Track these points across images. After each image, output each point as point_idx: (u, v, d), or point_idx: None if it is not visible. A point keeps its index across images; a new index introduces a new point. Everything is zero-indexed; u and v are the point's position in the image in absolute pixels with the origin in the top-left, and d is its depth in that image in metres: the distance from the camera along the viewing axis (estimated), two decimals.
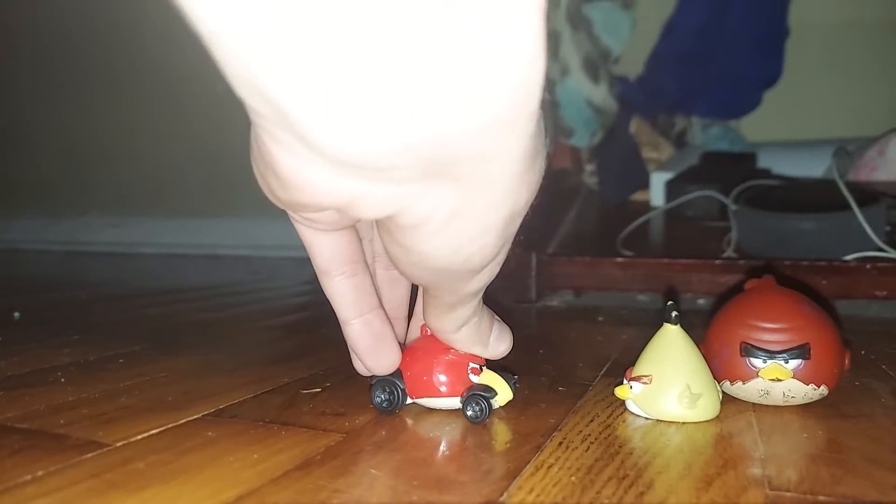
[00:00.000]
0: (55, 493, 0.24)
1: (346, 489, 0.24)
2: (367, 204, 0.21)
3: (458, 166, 0.20)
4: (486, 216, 0.22)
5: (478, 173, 0.21)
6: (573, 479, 0.26)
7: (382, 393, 0.33)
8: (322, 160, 0.19)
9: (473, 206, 0.22)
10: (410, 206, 0.21)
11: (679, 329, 0.34)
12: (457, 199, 0.21)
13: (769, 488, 0.25)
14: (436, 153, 0.19)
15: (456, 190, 0.21)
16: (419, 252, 0.23)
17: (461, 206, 0.22)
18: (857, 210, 0.67)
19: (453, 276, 0.25)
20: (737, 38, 1.09)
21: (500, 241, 0.24)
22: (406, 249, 0.24)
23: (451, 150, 0.19)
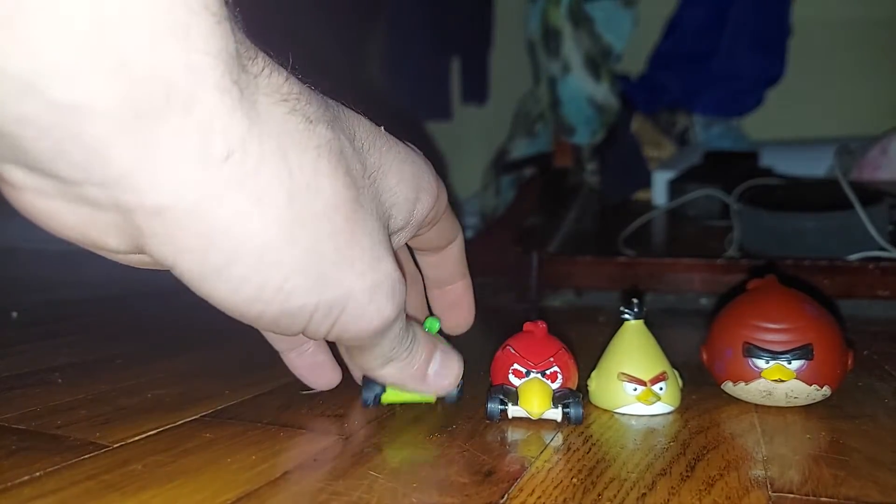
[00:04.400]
0: (52, 494, 0.24)
1: (345, 491, 0.24)
2: (103, 238, 0.20)
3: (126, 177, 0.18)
4: (223, 250, 0.20)
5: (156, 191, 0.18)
6: (574, 481, 0.25)
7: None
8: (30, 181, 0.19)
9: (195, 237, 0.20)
10: (145, 243, 0.20)
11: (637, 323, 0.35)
12: (174, 231, 0.19)
13: (771, 490, 0.25)
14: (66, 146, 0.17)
15: (159, 220, 0.19)
16: (212, 300, 0.22)
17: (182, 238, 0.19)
18: (860, 209, 0.67)
19: (286, 323, 0.23)
20: (739, 37, 1.09)
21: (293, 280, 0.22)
22: (203, 294, 0.22)
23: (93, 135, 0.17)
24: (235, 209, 0.19)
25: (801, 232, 0.70)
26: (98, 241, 0.20)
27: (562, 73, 0.96)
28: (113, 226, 0.20)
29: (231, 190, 0.19)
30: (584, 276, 0.75)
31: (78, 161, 0.18)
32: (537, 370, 0.33)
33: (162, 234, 0.19)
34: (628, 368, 0.34)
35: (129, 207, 0.19)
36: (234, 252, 0.20)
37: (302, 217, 0.21)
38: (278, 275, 0.21)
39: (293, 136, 0.21)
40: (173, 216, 0.19)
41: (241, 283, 0.21)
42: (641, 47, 1.18)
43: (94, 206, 0.19)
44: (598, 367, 0.36)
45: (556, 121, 1.03)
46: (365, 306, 0.24)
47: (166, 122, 0.18)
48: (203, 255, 0.20)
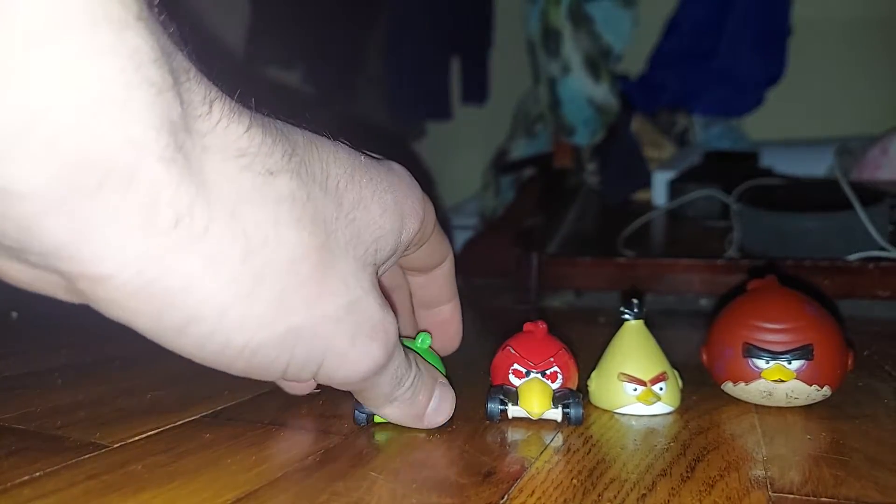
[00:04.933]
0: (52, 495, 0.24)
1: (344, 492, 0.24)
2: (51, 291, 0.21)
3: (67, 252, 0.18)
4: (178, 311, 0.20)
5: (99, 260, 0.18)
6: (575, 482, 0.25)
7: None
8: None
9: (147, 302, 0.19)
10: (96, 304, 0.20)
11: (637, 324, 0.35)
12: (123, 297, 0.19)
13: (772, 490, 0.25)
14: None
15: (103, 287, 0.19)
16: (179, 351, 0.22)
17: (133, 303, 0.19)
18: (861, 209, 0.67)
19: (265, 372, 0.23)
20: (739, 37, 1.09)
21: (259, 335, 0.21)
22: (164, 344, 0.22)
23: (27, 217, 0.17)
24: (187, 272, 0.19)
25: (802, 232, 0.70)
26: (52, 294, 0.21)
27: (561, 73, 0.96)
28: (60, 286, 0.20)
29: (181, 255, 0.19)
30: (583, 277, 0.75)
31: (13, 235, 0.18)
32: (537, 370, 0.33)
33: (109, 299, 0.19)
34: (628, 369, 0.34)
35: (71, 276, 0.19)
36: (192, 312, 0.20)
37: (261, 273, 0.21)
38: (241, 333, 0.21)
39: (249, 193, 0.20)
40: (119, 283, 0.19)
41: (204, 340, 0.21)
42: (641, 47, 1.18)
43: (39, 268, 0.19)
44: (598, 367, 0.36)
45: (556, 121, 1.03)
46: (347, 352, 0.24)
47: (105, 198, 0.17)
48: (158, 317, 0.20)
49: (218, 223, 0.20)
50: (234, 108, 0.21)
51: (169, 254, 0.19)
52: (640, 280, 0.72)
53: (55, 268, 0.19)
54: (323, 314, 0.23)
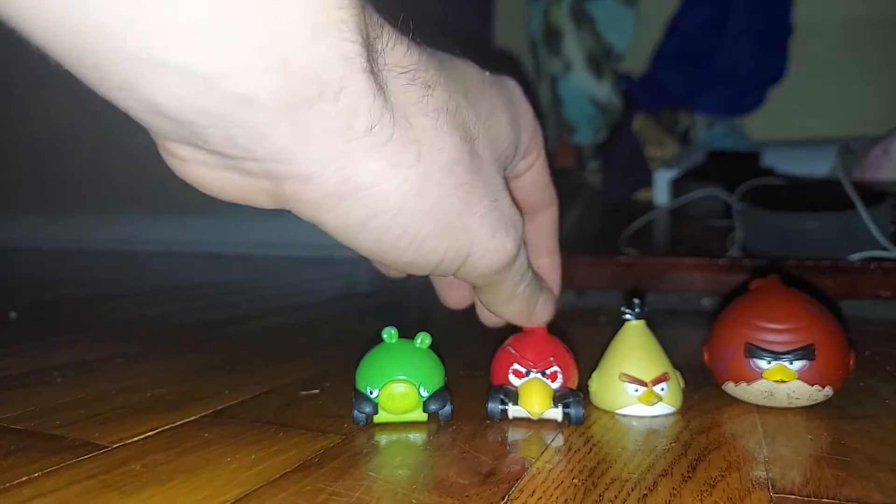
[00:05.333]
0: (51, 494, 0.24)
1: (344, 492, 0.24)
2: (253, 198, 0.23)
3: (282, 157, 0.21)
4: (363, 208, 0.23)
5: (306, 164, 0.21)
6: (575, 482, 0.25)
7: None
8: (196, 155, 0.22)
9: (337, 198, 0.22)
10: (292, 205, 0.23)
11: (638, 324, 0.35)
12: (318, 193, 0.22)
13: (773, 491, 0.25)
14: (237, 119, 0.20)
15: (307, 186, 0.22)
16: (354, 247, 0.25)
17: (326, 199, 0.22)
18: (863, 209, 0.66)
19: (420, 265, 0.26)
20: (741, 36, 1.09)
21: (425, 230, 0.25)
22: (346, 243, 0.25)
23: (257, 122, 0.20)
24: (375, 173, 0.22)
25: (804, 232, 0.70)
26: (252, 201, 0.24)
27: (563, 72, 0.96)
28: (264, 191, 0.23)
29: (371, 157, 0.22)
30: (585, 276, 0.75)
31: (241, 143, 0.20)
32: (537, 370, 0.33)
33: (308, 200, 0.22)
34: (629, 369, 0.34)
35: (282, 177, 0.22)
36: (375, 208, 0.23)
37: (429, 173, 0.24)
38: (413, 225, 0.24)
39: (415, 104, 0.23)
40: (321, 182, 0.22)
41: (381, 233, 0.24)
42: (643, 46, 1.18)
43: (251, 175, 0.22)
44: (599, 367, 0.35)
45: (558, 120, 1.03)
46: (487, 244, 0.27)
47: (319, 108, 0.20)
48: (346, 213, 0.23)
49: (399, 130, 0.23)
50: (394, 31, 0.23)
51: (362, 155, 0.22)
52: (641, 279, 0.72)
53: (270, 172, 0.22)
54: (473, 211, 0.26)
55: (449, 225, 0.25)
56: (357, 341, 0.47)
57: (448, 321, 0.64)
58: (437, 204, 0.24)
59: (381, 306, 0.78)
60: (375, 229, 0.24)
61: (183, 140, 0.21)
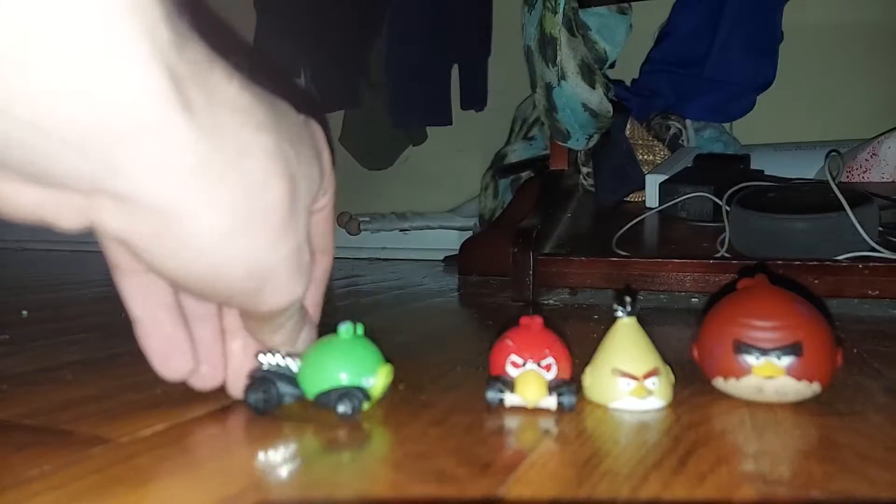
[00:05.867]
0: (61, 488, 0.24)
1: (346, 483, 0.25)
2: (55, 216, 0.23)
3: (98, 178, 0.21)
4: (175, 237, 0.23)
5: (125, 189, 0.21)
6: (570, 474, 0.26)
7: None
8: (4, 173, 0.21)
9: (151, 225, 0.22)
10: (98, 220, 0.23)
11: (630, 321, 0.36)
12: (131, 217, 0.22)
13: (762, 484, 0.25)
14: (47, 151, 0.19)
15: (122, 207, 0.22)
16: (154, 268, 0.24)
17: (138, 224, 0.22)
18: (850, 211, 0.67)
19: (214, 296, 0.26)
20: (730, 43, 1.10)
21: (233, 263, 0.25)
22: (148, 265, 0.24)
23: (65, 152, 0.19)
24: (194, 208, 0.22)
25: (792, 233, 0.71)
26: (51, 221, 0.23)
27: (557, 79, 0.97)
28: (70, 207, 0.22)
29: (194, 192, 0.22)
30: (578, 276, 0.76)
31: (49, 169, 0.20)
32: (533, 361, 0.34)
33: (121, 220, 0.22)
34: (621, 364, 0.35)
35: (94, 195, 0.21)
36: (189, 241, 0.23)
37: (252, 215, 0.24)
38: (222, 262, 0.24)
39: (248, 145, 0.23)
40: (136, 206, 0.22)
41: (188, 264, 0.24)
42: (635, 54, 1.19)
43: (57, 190, 0.21)
44: (593, 362, 0.36)
45: (552, 126, 1.03)
46: (281, 286, 0.27)
47: (137, 146, 0.20)
48: (158, 240, 0.23)
49: (227, 170, 0.23)
50: (228, 68, 0.23)
51: (184, 191, 0.22)
52: (633, 279, 0.73)
53: (81, 189, 0.21)
54: (279, 253, 0.26)
55: (255, 264, 0.25)
56: None
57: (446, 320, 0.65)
58: (250, 244, 0.25)
59: (378, 306, 0.78)
60: (184, 259, 0.24)
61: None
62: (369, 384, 0.33)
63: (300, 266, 0.28)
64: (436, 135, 1.63)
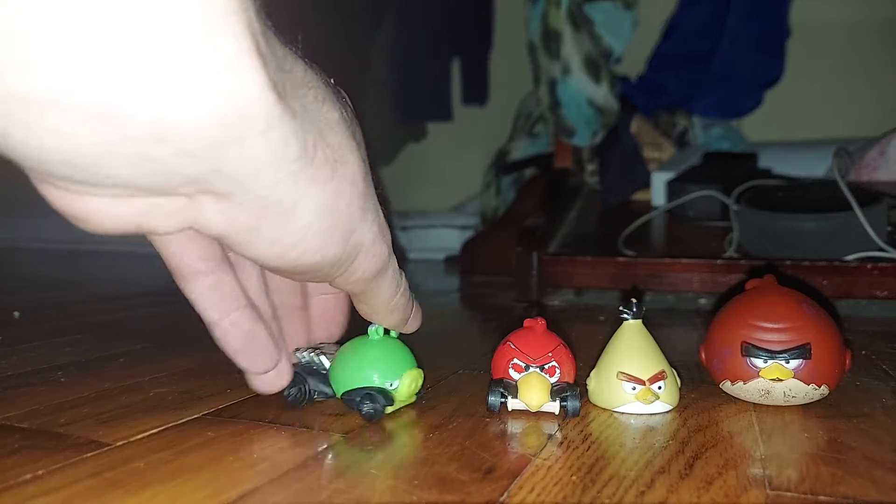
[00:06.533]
0: (55, 493, 0.24)
1: (346, 489, 0.24)
2: (154, 223, 0.23)
3: (204, 180, 0.21)
4: (279, 225, 0.23)
5: (232, 187, 0.21)
6: (574, 479, 0.26)
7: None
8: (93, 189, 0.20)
9: (255, 217, 0.23)
10: (199, 220, 0.23)
11: (636, 323, 0.36)
12: (235, 212, 0.22)
13: (770, 488, 0.25)
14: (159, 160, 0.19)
15: (225, 204, 0.22)
16: (254, 257, 0.25)
17: (242, 218, 0.23)
18: (859, 210, 0.67)
19: (311, 274, 0.27)
20: (738, 38, 1.09)
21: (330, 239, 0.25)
22: (245, 254, 0.25)
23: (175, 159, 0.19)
24: (297, 193, 0.23)
25: (800, 232, 0.70)
26: (146, 227, 0.23)
27: (562, 74, 0.97)
28: (173, 210, 0.22)
29: (296, 181, 0.22)
30: (583, 276, 0.76)
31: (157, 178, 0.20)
32: (536, 365, 0.34)
33: (224, 217, 0.22)
34: (627, 368, 0.34)
35: (199, 195, 0.22)
36: (290, 227, 0.24)
37: (341, 188, 0.25)
38: (320, 239, 0.25)
39: (325, 121, 0.24)
40: (240, 202, 0.22)
41: (289, 248, 0.24)
42: (641, 49, 1.18)
43: (162, 197, 0.22)
44: (598, 366, 0.36)
45: (556, 122, 1.03)
46: (370, 250, 0.28)
47: (246, 144, 0.20)
48: (258, 230, 0.23)
49: (319, 149, 0.23)
50: (289, 49, 0.23)
51: (287, 181, 0.22)
52: (639, 279, 0.72)
53: (186, 192, 0.21)
54: (366, 218, 0.27)
55: (349, 234, 0.26)
56: None
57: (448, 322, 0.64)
58: (343, 216, 0.25)
59: None
60: (284, 245, 0.24)
61: (83, 180, 0.20)
62: (393, 387, 0.33)
63: (381, 229, 0.29)
64: (436, 131, 1.62)
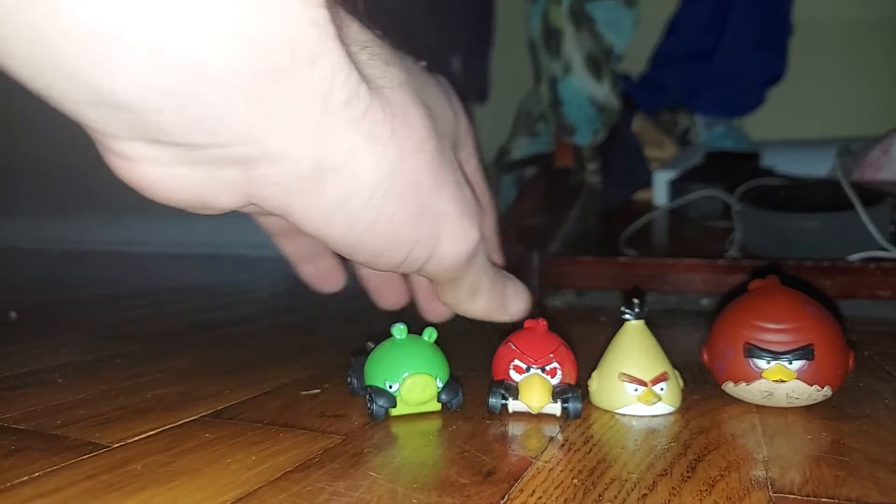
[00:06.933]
0: (52, 495, 0.24)
1: (345, 492, 0.24)
2: (216, 197, 0.21)
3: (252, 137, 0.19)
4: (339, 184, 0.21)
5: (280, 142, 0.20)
6: (575, 482, 0.25)
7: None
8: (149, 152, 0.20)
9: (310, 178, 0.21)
10: (256, 194, 0.21)
11: (638, 323, 0.35)
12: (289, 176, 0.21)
13: (772, 490, 0.25)
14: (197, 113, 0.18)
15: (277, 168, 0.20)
16: (325, 238, 0.23)
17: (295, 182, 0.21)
18: (862, 210, 0.66)
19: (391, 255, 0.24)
20: (740, 36, 1.09)
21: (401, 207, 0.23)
22: (312, 235, 0.23)
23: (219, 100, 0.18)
24: (351, 149, 0.21)
25: (803, 232, 0.70)
26: (209, 201, 0.22)
27: (563, 72, 0.96)
28: (228, 184, 0.21)
29: (347, 133, 0.20)
30: (585, 276, 0.75)
31: (204, 126, 0.19)
32: (537, 366, 0.33)
33: (280, 182, 0.21)
34: (629, 369, 0.34)
35: (251, 161, 0.20)
36: (351, 189, 0.21)
37: (404, 150, 0.22)
38: (388, 206, 0.22)
39: (381, 79, 0.22)
40: (293, 162, 0.20)
41: (356, 218, 0.22)
42: (643, 47, 1.18)
43: (215, 166, 0.20)
44: (599, 367, 0.36)
45: (557, 121, 1.03)
46: (456, 231, 0.25)
47: (291, 81, 0.18)
48: (319, 196, 0.21)
49: (374, 103, 0.21)
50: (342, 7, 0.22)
51: (338, 131, 0.20)
52: (641, 279, 0.72)
53: (237, 157, 0.20)
54: (442, 191, 0.24)
55: (422, 207, 0.24)
56: (357, 341, 0.48)
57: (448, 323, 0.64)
58: (411, 183, 0.23)
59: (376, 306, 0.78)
60: (350, 213, 0.22)
61: (137, 135, 0.19)
62: (393, 389, 0.33)
63: (467, 204, 0.26)
64: None
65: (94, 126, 0.19)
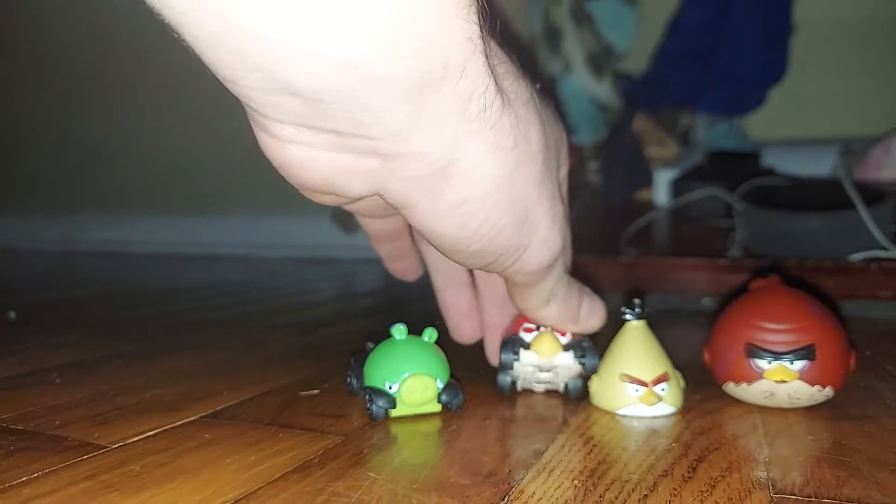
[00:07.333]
0: (51, 495, 0.24)
1: (344, 492, 0.24)
2: (348, 184, 0.23)
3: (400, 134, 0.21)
4: (461, 188, 0.23)
5: (419, 143, 0.22)
6: (576, 483, 0.25)
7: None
8: (301, 135, 0.21)
9: (437, 179, 0.23)
10: (387, 185, 0.23)
11: (639, 324, 0.35)
12: (420, 173, 0.22)
13: (773, 491, 0.25)
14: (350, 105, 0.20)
15: (412, 164, 0.22)
16: (433, 234, 0.25)
17: (425, 181, 0.23)
18: (863, 209, 0.66)
19: (484, 255, 0.26)
20: (742, 35, 1.08)
21: (508, 213, 0.25)
22: (421, 230, 0.25)
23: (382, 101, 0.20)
24: (478, 156, 0.23)
25: (804, 232, 0.70)
26: (340, 187, 0.23)
27: (563, 71, 0.96)
28: (365, 172, 0.23)
29: (477, 140, 0.22)
30: (586, 276, 0.75)
31: (363, 122, 0.20)
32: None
33: (411, 179, 0.22)
34: (630, 369, 0.34)
35: (391, 156, 0.22)
36: (470, 192, 0.23)
37: (521, 160, 0.24)
38: (498, 211, 0.24)
39: (514, 91, 0.24)
40: (428, 162, 0.22)
41: (467, 219, 0.24)
42: (644, 46, 1.18)
43: (358, 154, 0.22)
44: (600, 367, 0.35)
45: None
46: (543, 239, 0.27)
47: (442, 91, 0.20)
48: (441, 196, 0.23)
49: (505, 115, 0.23)
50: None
51: (470, 138, 0.22)
52: (642, 279, 0.72)
53: (380, 150, 0.22)
54: (541, 203, 0.26)
55: (524, 214, 0.25)
56: (357, 342, 0.47)
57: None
58: (521, 192, 0.25)
59: (375, 307, 0.78)
60: (463, 214, 0.24)
61: (296, 120, 0.21)
62: (392, 390, 0.32)
63: (556, 217, 0.28)
64: None
65: (258, 108, 0.21)
